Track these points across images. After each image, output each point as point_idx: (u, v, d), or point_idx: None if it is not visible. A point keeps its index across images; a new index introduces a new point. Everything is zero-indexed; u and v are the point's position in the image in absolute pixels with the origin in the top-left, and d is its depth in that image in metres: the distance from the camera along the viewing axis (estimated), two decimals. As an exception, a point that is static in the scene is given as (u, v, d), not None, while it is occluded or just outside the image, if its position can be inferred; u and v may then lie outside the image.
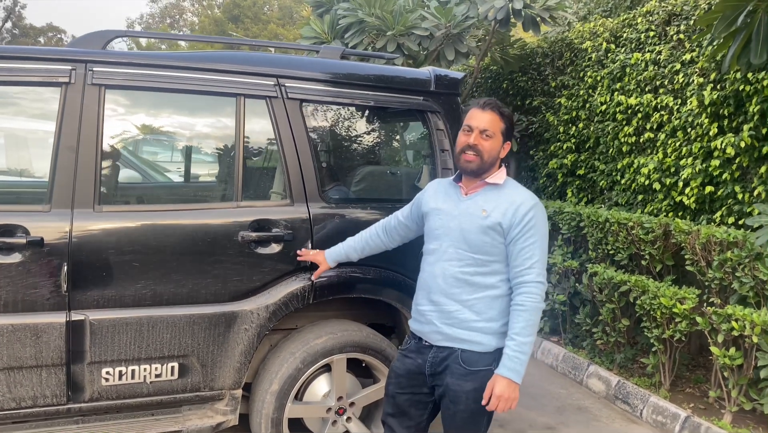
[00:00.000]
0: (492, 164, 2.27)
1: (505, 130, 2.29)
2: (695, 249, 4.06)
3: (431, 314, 2.30)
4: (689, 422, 3.76)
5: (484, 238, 2.21)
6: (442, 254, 2.29)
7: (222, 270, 2.69)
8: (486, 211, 2.22)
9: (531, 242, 2.19)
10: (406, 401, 2.36)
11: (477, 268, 2.24)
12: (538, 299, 2.16)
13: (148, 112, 2.89)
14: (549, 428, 3.88)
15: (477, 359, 2.22)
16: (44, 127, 2.63)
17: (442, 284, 2.27)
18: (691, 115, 4.76)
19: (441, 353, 2.27)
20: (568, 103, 6.28)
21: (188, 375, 2.69)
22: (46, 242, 2.44)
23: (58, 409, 2.54)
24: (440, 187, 2.44)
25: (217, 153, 3.14)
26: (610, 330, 4.55)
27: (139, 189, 3.75)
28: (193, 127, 3.02)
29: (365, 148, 3.40)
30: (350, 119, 3.23)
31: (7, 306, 2.41)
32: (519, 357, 2.12)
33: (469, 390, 2.20)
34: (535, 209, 2.22)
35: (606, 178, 5.81)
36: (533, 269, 2.18)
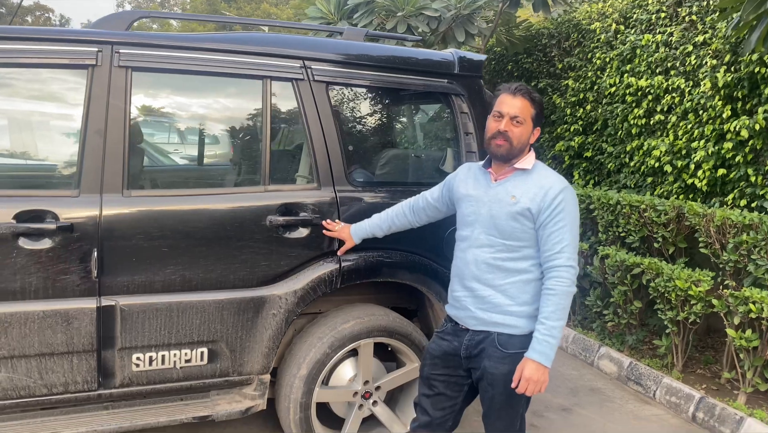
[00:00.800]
0: (521, 150, 2.26)
1: (536, 116, 2.28)
2: (710, 232, 4.08)
3: (466, 300, 2.31)
4: (704, 403, 3.81)
5: (514, 224, 2.21)
6: (474, 241, 2.29)
7: (250, 255, 2.67)
8: (515, 197, 2.22)
9: (560, 226, 2.18)
10: (442, 383, 2.37)
11: (508, 254, 2.24)
12: (569, 282, 2.16)
13: (174, 95, 2.85)
14: (565, 409, 3.91)
15: (513, 341, 2.23)
16: (71, 110, 2.58)
17: (474, 270, 2.28)
18: (703, 98, 4.76)
19: (477, 336, 2.28)
20: (575, 85, 6.26)
21: (217, 360, 2.68)
22: (76, 227, 2.41)
23: (89, 395, 2.53)
24: (470, 173, 2.43)
25: (243, 136, 3.10)
26: (621, 312, 4.58)
27: (167, 173, 3.70)
28: (220, 110, 2.97)
29: (390, 132, 3.37)
30: (375, 102, 3.20)
31: (38, 292, 2.38)
32: (548, 341, 2.13)
33: (506, 373, 2.21)
34: (564, 193, 2.21)
35: (614, 160, 5.81)
36: (563, 253, 2.17)
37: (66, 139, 2.78)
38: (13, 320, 2.35)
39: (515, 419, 2.30)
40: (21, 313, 2.36)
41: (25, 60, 2.43)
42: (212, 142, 3.34)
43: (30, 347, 2.38)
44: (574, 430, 3.63)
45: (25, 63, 2.45)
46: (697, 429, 3.74)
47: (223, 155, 3.47)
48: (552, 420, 3.73)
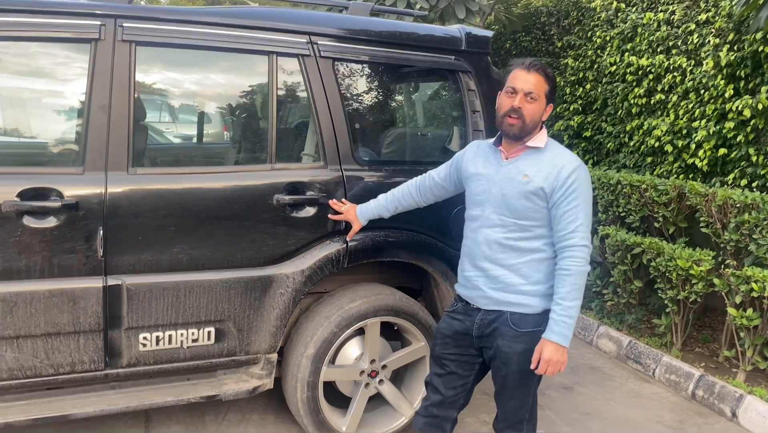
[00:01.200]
0: (534, 128, 2.21)
1: (549, 92, 2.22)
2: (711, 211, 4.09)
3: (477, 280, 2.29)
4: (703, 380, 3.85)
5: (526, 203, 2.18)
6: (485, 221, 2.26)
7: (257, 234, 2.64)
8: (528, 176, 2.18)
9: (574, 205, 2.15)
10: (453, 362, 2.36)
11: (520, 233, 2.21)
12: (583, 262, 2.14)
13: (179, 71, 2.79)
14: (566, 387, 3.94)
15: (526, 320, 2.22)
16: (74, 86, 2.52)
17: (486, 251, 2.25)
18: (705, 77, 4.74)
19: (489, 315, 2.27)
20: (575, 64, 6.22)
21: (224, 340, 2.66)
22: (81, 205, 2.37)
23: (95, 375, 2.51)
24: (480, 151, 2.38)
25: (249, 114, 3.04)
26: (621, 292, 4.60)
27: (173, 151, 3.65)
28: (226, 86, 2.92)
29: (396, 110, 3.33)
30: (381, 79, 3.15)
31: (43, 271, 2.35)
32: (566, 321, 2.12)
33: (520, 351, 2.21)
34: (578, 171, 2.17)
35: (613, 140, 5.80)
36: (577, 232, 2.15)
37: (69, 116, 2.73)
38: (19, 299, 2.31)
39: (528, 397, 2.30)
40: (27, 292, 2.32)
41: (26, 33, 2.36)
42: (218, 119, 3.29)
43: (36, 326, 2.35)
44: (575, 408, 3.66)
45: (25, 36, 2.38)
46: (697, 407, 3.78)
47: (229, 133, 3.42)
48: (554, 398, 3.76)
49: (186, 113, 3.66)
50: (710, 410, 3.73)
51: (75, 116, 2.64)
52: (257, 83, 2.81)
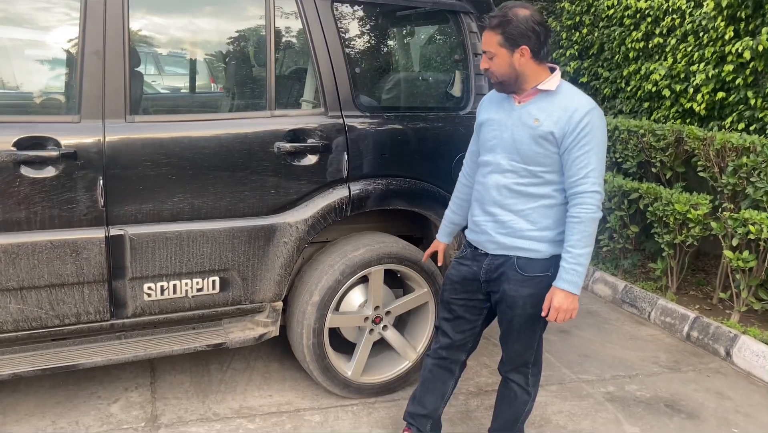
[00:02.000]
0: (513, 78, 2.14)
1: (505, 40, 2.09)
2: (709, 155, 4.09)
3: (486, 225, 2.27)
4: (698, 322, 3.92)
5: (537, 148, 2.13)
6: (496, 166, 2.22)
7: (259, 182, 2.61)
8: (538, 120, 2.12)
9: (586, 150, 2.08)
10: (461, 307, 2.38)
11: (531, 179, 2.18)
12: (594, 209, 2.10)
13: (174, 15, 2.69)
14: (563, 331, 4.00)
15: (533, 265, 2.21)
16: (66, 32, 2.43)
17: (496, 196, 2.23)
18: (705, 19, 4.67)
19: (496, 260, 2.27)
20: (571, 8, 6.10)
21: (229, 289, 2.66)
22: (79, 154, 2.31)
23: (101, 325, 2.51)
24: (494, 98, 2.33)
25: (246, 58, 2.96)
26: (617, 237, 4.63)
27: (171, 98, 3.56)
28: (222, 31, 2.83)
29: (397, 53, 3.25)
30: (381, 22, 3.06)
31: (44, 222, 2.31)
32: (576, 269, 2.10)
33: (525, 296, 2.22)
34: (591, 115, 2.10)
35: (610, 85, 5.74)
36: (588, 178, 2.09)
37: (63, 63, 2.64)
38: (21, 250, 2.28)
39: (533, 341, 2.32)
40: (28, 243, 2.29)
41: (12, -25, 2.26)
42: (215, 65, 3.20)
43: (39, 278, 2.33)
44: (574, 350, 3.73)
45: (12, -21, 2.28)
46: (692, 347, 3.86)
47: (227, 79, 3.34)
48: (552, 342, 3.82)
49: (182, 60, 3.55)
50: (705, 351, 3.81)
51: (69, 64, 2.55)
52: (254, 27, 2.73)
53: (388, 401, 3.02)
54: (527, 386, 2.38)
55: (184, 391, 3.00)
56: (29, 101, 2.82)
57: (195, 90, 3.45)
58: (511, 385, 2.39)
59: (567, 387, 3.29)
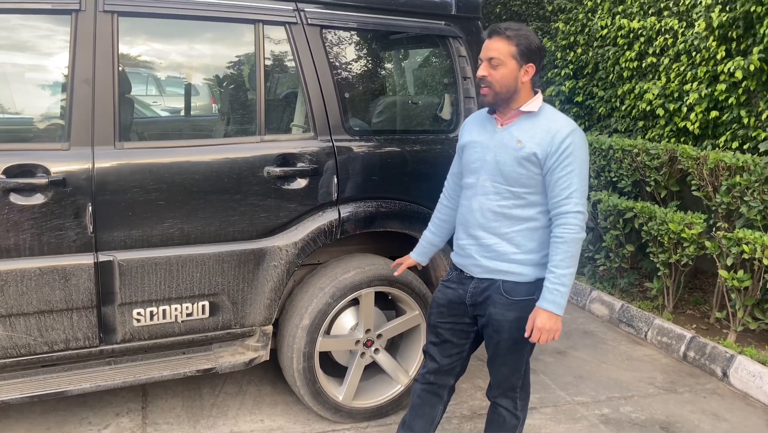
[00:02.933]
0: (510, 93, 2.14)
1: (519, 53, 2.10)
2: (703, 174, 4.09)
3: (470, 248, 2.28)
4: (695, 342, 3.90)
5: (520, 170, 2.15)
6: (479, 188, 2.23)
7: (249, 206, 2.62)
8: (521, 141, 2.14)
9: (568, 171, 2.10)
10: (448, 331, 2.37)
11: (514, 201, 2.19)
12: (577, 229, 2.11)
13: (164, 42, 2.73)
14: (559, 352, 3.98)
15: (518, 288, 2.21)
16: (56, 59, 2.46)
17: (480, 218, 2.23)
18: (697, 39, 4.70)
19: (482, 283, 2.27)
20: (565, 28, 6.15)
21: (219, 313, 2.66)
22: (68, 181, 2.33)
23: (90, 351, 2.50)
24: (476, 120, 2.35)
25: (237, 84, 2.99)
26: (613, 256, 4.63)
27: (160, 124, 3.59)
28: (212, 57, 2.86)
29: (386, 77, 3.28)
30: (370, 47, 3.09)
31: (33, 249, 2.32)
32: (559, 289, 2.09)
33: (511, 319, 2.21)
34: (573, 136, 2.12)
35: (605, 104, 5.77)
36: (571, 198, 2.11)
37: (53, 91, 2.67)
38: (10, 277, 2.29)
39: (520, 364, 2.31)
40: (17, 270, 2.30)
41: (4, 5, 2.29)
42: (205, 91, 3.23)
43: (28, 304, 2.34)
44: (569, 371, 3.71)
45: (3, 9, 2.31)
46: (689, 368, 3.84)
47: (217, 105, 3.37)
48: (548, 363, 3.80)
49: (172, 85, 3.59)
50: (701, 371, 3.79)
51: (59, 90, 2.58)
52: (244, 53, 2.76)
53: (381, 425, 3.00)
54: (515, 411, 2.36)
55: (175, 416, 2.99)
56: (19, 128, 2.85)
57: (187, 114, 3.48)
58: (499, 410, 2.38)
59: (561, 409, 3.27)
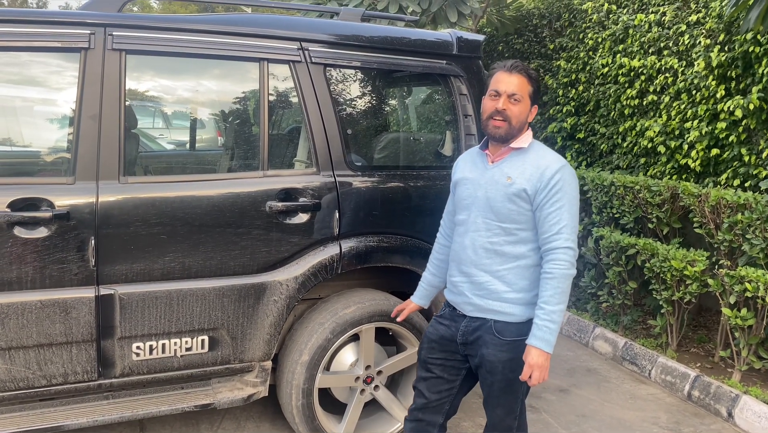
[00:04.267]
0: (520, 129, 2.20)
1: (533, 93, 2.20)
2: (704, 212, 4.10)
3: (462, 285, 2.27)
4: (699, 381, 3.85)
5: (510, 206, 2.16)
6: (471, 225, 2.24)
7: (250, 241, 2.64)
8: (511, 178, 2.16)
9: (558, 207, 2.10)
10: (439, 367, 2.34)
11: (506, 237, 2.19)
12: (567, 265, 2.09)
13: (169, 79, 2.78)
14: (562, 390, 3.94)
15: (510, 329, 2.18)
16: (64, 96, 2.51)
17: (472, 255, 2.23)
18: (697, 78, 4.75)
19: (474, 322, 2.25)
20: (567, 66, 6.23)
21: (218, 348, 2.65)
22: (72, 215, 2.36)
23: (88, 385, 2.50)
24: (468, 157, 2.38)
25: (241, 121, 3.04)
26: (616, 293, 4.60)
27: (164, 159, 3.64)
28: (217, 94, 2.92)
29: (388, 114, 3.33)
30: (373, 84, 3.15)
31: (35, 282, 2.34)
32: (548, 326, 2.07)
33: (505, 360, 2.17)
34: (562, 172, 2.13)
35: (607, 141, 5.81)
36: (561, 234, 2.10)
37: (60, 126, 2.72)
38: (11, 310, 2.30)
39: (515, 405, 2.27)
40: (18, 303, 2.31)
41: (15, 43, 2.35)
42: (210, 127, 3.28)
43: (28, 337, 2.34)
44: (572, 410, 3.66)
45: (14, 47, 2.37)
46: (693, 407, 3.78)
47: (221, 140, 3.41)
48: (550, 401, 3.75)
49: (177, 121, 3.65)
50: (706, 411, 3.73)
51: (65, 126, 2.63)
52: (248, 90, 2.81)
53: (380, 463, 2.96)
54: None
55: (172, 452, 2.96)
56: (25, 162, 2.89)
57: (191, 149, 3.52)
58: None
59: (564, 449, 3.22)
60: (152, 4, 29.48)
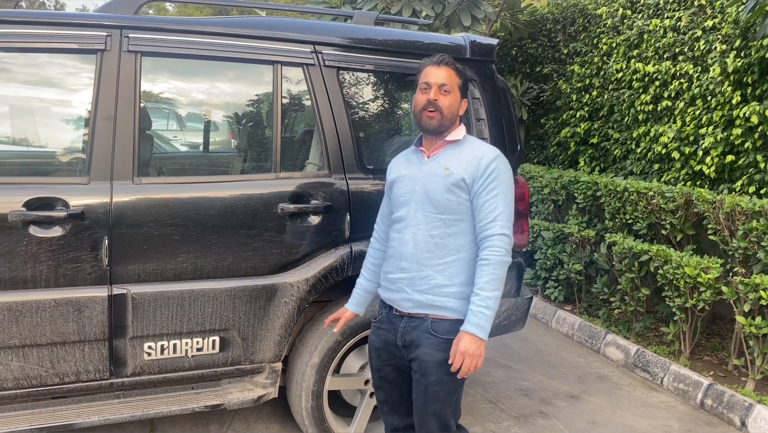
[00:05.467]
0: (452, 121, 2.22)
1: (462, 85, 2.25)
2: (719, 219, 4.06)
3: (401, 282, 2.20)
4: (712, 389, 3.81)
5: (449, 196, 2.15)
6: (411, 219, 2.20)
7: (262, 243, 2.65)
8: (448, 168, 2.16)
9: (494, 195, 2.12)
10: (391, 373, 2.30)
11: (445, 229, 2.16)
12: (503, 252, 2.08)
13: (183, 81, 2.81)
14: (573, 396, 3.91)
15: (448, 327, 2.14)
16: (80, 96, 2.54)
17: (412, 250, 2.18)
18: (712, 83, 4.72)
19: (411, 322, 2.19)
20: (581, 71, 6.21)
21: (229, 349, 2.66)
22: (86, 215, 2.38)
23: (100, 384, 2.51)
24: (401, 158, 2.37)
25: (254, 123, 3.06)
26: (628, 299, 4.57)
27: (178, 160, 3.67)
28: (230, 96, 2.93)
29: (401, 118, 3.33)
30: (385, 88, 3.15)
31: (49, 281, 2.36)
32: (484, 312, 2.03)
33: (440, 361, 2.11)
34: (497, 161, 2.16)
35: (620, 146, 5.77)
36: (497, 221, 2.11)
37: (76, 126, 2.75)
38: (25, 308, 2.33)
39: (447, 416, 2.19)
40: (32, 302, 2.33)
41: (33, 44, 2.38)
42: (223, 128, 3.30)
43: (41, 336, 2.36)
44: (583, 417, 3.63)
45: (32, 48, 2.40)
46: (706, 416, 3.74)
47: (234, 142, 3.43)
48: (561, 407, 3.73)
49: (191, 123, 3.67)
50: (719, 420, 3.69)
51: (81, 126, 2.65)
52: (262, 93, 2.83)
53: (389, 467, 2.95)
54: None
55: (182, 452, 2.97)
56: (41, 162, 2.92)
57: (204, 151, 3.55)
58: None
59: (574, 456, 3.20)
60: (167, 6, 29.74)
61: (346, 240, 2.79)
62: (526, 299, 3.25)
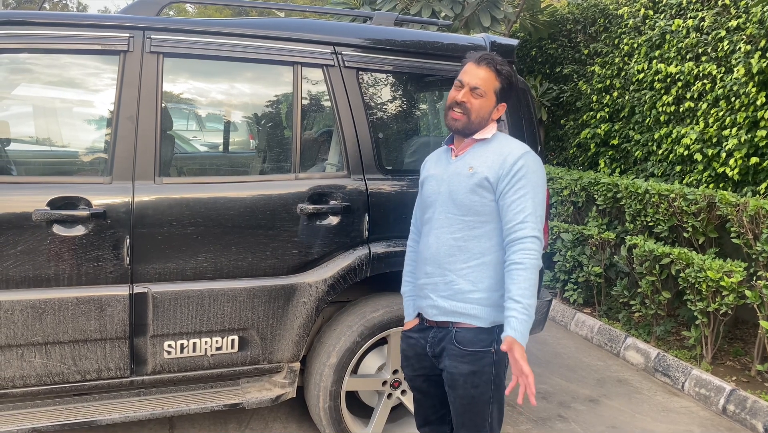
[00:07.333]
0: (480, 125, 2.08)
1: (500, 90, 2.08)
2: (742, 221, 4.00)
3: (426, 287, 2.13)
4: (735, 395, 3.75)
5: (473, 197, 2.03)
6: (435, 222, 2.11)
7: (281, 243, 2.66)
8: (472, 167, 2.04)
9: (522, 194, 1.97)
10: (424, 382, 2.22)
11: (468, 232, 2.04)
12: (536, 255, 1.93)
13: (204, 81, 2.83)
14: (592, 400, 3.88)
15: (472, 338, 2.03)
16: (102, 97, 2.57)
17: (435, 254, 2.09)
18: (736, 84, 4.65)
19: (438, 333, 2.11)
20: (602, 72, 6.15)
21: (248, 348, 2.68)
22: (108, 214, 2.41)
23: (121, 381, 2.54)
24: (434, 155, 2.28)
25: (274, 123, 3.07)
26: (649, 303, 4.52)
27: (199, 160, 3.70)
28: (251, 96, 2.95)
29: (420, 119, 3.33)
30: (405, 88, 3.15)
31: (72, 279, 2.39)
32: (527, 321, 1.89)
33: (466, 373, 2.02)
34: (526, 158, 2.01)
35: (641, 148, 5.71)
36: (527, 222, 1.95)
37: (98, 126, 2.78)
38: (48, 306, 2.36)
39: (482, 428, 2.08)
40: (55, 300, 2.36)
41: (56, 46, 2.42)
42: (243, 129, 3.32)
43: (64, 333, 2.40)
44: (601, 421, 3.60)
45: (56, 49, 2.44)
46: (728, 422, 3.69)
47: (254, 142, 3.45)
48: (580, 411, 3.70)
49: (211, 123, 3.70)
50: (741, 426, 3.63)
51: (103, 126, 2.69)
52: (282, 93, 2.84)
53: (406, 468, 2.95)
54: None
55: (201, 450, 3.00)
56: (64, 161, 2.96)
57: (225, 151, 3.58)
58: None
59: (593, 460, 3.17)
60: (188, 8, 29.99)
61: (365, 241, 2.79)
62: (545, 301, 3.22)
